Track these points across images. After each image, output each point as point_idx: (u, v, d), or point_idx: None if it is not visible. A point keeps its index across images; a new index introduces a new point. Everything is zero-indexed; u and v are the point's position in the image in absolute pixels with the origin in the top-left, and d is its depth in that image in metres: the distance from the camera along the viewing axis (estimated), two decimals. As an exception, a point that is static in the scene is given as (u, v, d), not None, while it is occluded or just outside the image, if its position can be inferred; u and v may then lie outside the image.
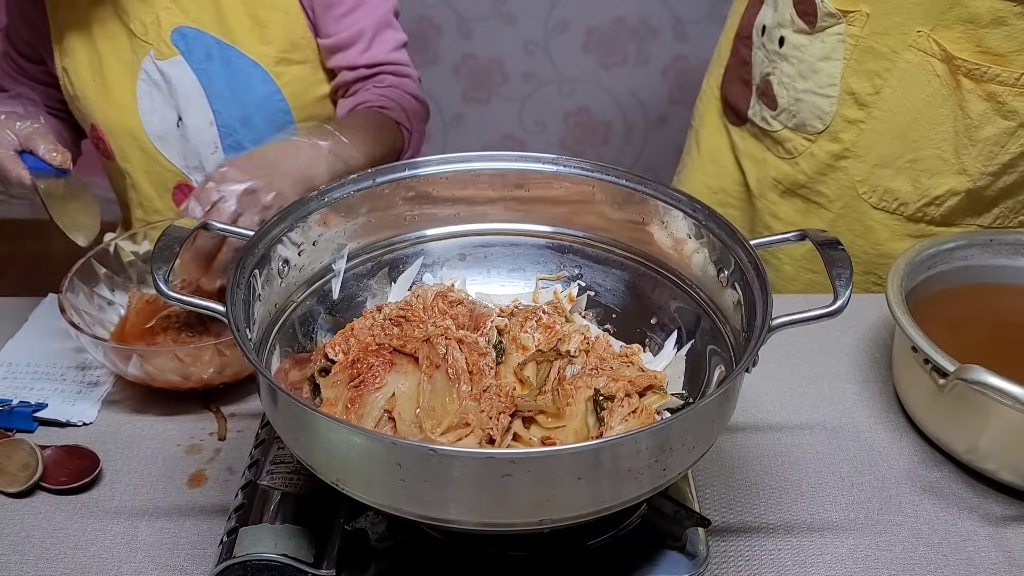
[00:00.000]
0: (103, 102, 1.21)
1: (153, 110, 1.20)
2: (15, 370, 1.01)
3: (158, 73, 1.18)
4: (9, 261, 2.77)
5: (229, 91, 1.19)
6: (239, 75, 1.19)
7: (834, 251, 0.72)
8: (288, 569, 0.72)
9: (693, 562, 0.74)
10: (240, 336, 0.66)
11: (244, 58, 1.18)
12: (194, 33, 1.17)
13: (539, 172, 0.87)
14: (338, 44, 1.21)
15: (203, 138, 1.21)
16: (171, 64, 1.17)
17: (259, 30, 1.18)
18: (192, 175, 1.24)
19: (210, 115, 1.20)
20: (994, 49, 1.06)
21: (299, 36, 1.20)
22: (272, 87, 1.20)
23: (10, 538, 0.81)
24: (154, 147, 1.22)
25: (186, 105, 1.19)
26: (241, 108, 1.20)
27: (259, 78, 1.19)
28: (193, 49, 1.17)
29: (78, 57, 1.20)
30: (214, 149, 1.22)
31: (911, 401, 0.93)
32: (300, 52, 1.21)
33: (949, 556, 0.80)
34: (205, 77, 1.18)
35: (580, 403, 0.74)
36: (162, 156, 1.23)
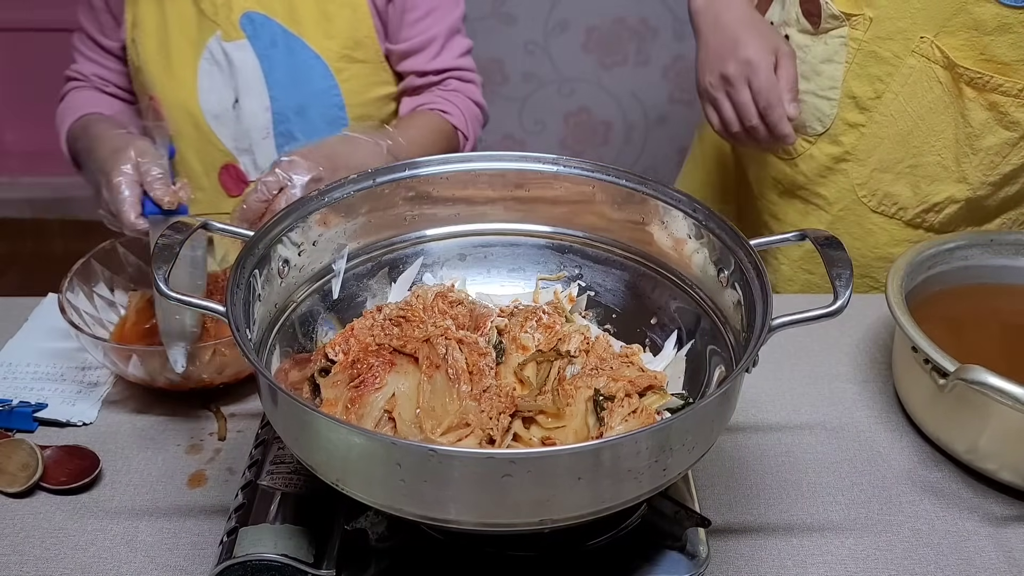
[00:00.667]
0: (165, 76, 1.23)
1: (212, 89, 1.22)
2: (15, 370, 1.01)
3: (222, 54, 1.20)
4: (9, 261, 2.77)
5: (289, 80, 1.21)
6: (300, 65, 1.21)
7: (834, 251, 0.72)
8: (288, 569, 0.72)
9: (693, 562, 0.74)
10: (240, 336, 0.66)
11: (307, 49, 1.20)
12: (262, 19, 1.19)
13: (539, 172, 0.87)
14: (410, 49, 1.24)
15: (256, 122, 1.23)
16: (236, 47, 1.20)
17: (325, 24, 1.20)
18: (240, 157, 1.26)
19: (267, 101, 1.22)
20: (998, 57, 1.06)
21: (363, 35, 1.22)
22: (331, 81, 1.22)
23: (10, 538, 0.81)
24: (208, 126, 1.24)
25: (245, 88, 1.21)
26: (298, 98, 1.22)
27: (319, 71, 1.21)
28: (259, 34, 1.19)
29: (147, 29, 1.22)
30: (265, 135, 1.24)
31: (911, 401, 0.93)
32: (362, 51, 1.23)
33: (949, 556, 0.80)
34: (267, 63, 1.20)
35: (580, 403, 0.74)
36: (214, 135, 1.25)
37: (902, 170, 1.16)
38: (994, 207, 1.18)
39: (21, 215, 2.98)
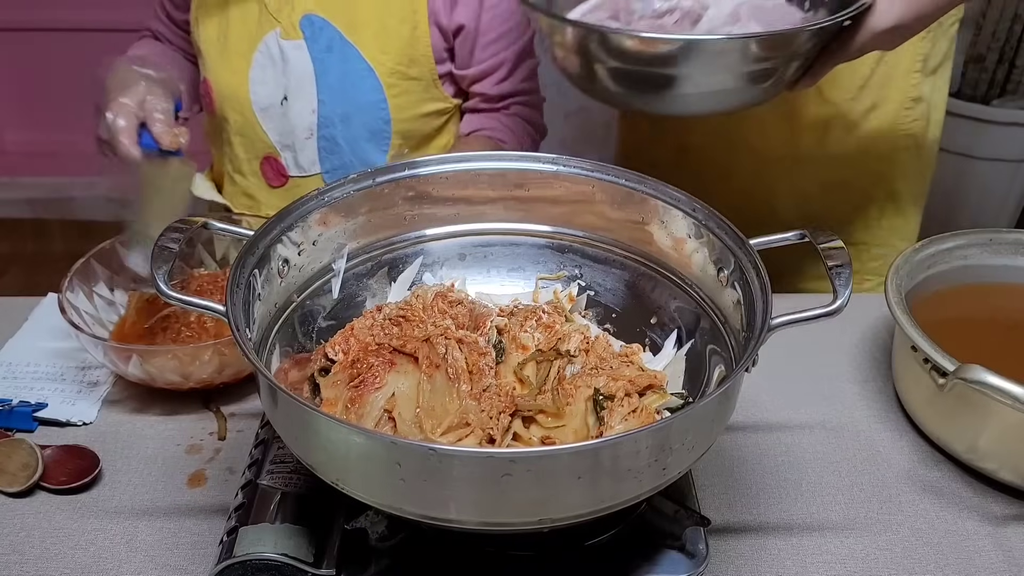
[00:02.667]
0: (219, 61, 1.24)
1: (263, 82, 1.23)
2: (15, 370, 1.01)
3: (278, 50, 1.20)
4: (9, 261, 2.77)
5: (339, 86, 1.21)
6: (352, 74, 1.21)
7: (834, 251, 0.72)
8: (288, 569, 0.72)
9: (693, 562, 0.74)
10: (240, 336, 0.66)
11: (361, 60, 1.20)
12: (322, 22, 1.19)
13: (539, 172, 0.87)
14: (480, 73, 1.24)
15: (302, 122, 1.23)
16: (293, 45, 1.20)
17: (383, 37, 1.20)
18: (283, 152, 1.26)
19: (314, 103, 1.22)
20: None
21: (419, 53, 1.21)
22: (380, 95, 1.22)
23: (10, 538, 0.81)
24: (255, 116, 1.25)
25: (295, 87, 1.22)
26: (345, 105, 1.22)
27: (371, 83, 1.21)
28: (317, 37, 1.20)
29: (209, 12, 1.23)
30: (309, 135, 1.24)
31: (911, 401, 0.93)
32: (416, 68, 1.22)
33: (949, 556, 0.80)
34: (321, 66, 1.20)
35: (580, 403, 0.74)
36: (260, 127, 1.25)
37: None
38: (860, 118, 1.20)
39: (21, 215, 2.98)
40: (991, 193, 2.42)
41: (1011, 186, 2.40)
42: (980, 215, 2.43)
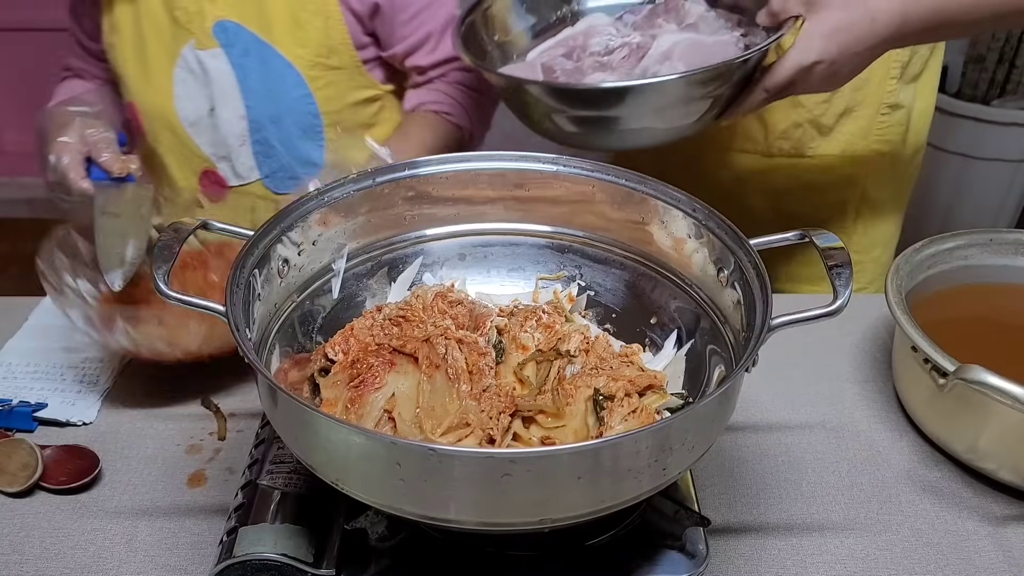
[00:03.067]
0: (141, 82, 1.23)
1: (188, 97, 1.22)
2: (15, 370, 1.01)
3: (196, 62, 1.20)
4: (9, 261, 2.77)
5: (263, 88, 1.21)
6: (273, 74, 1.20)
7: (834, 251, 0.72)
8: (288, 569, 0.72)
9: (693, 562, 0.74)
10: (240, 336, 0.66)
11: (280, 58, 1.19)
12: (235, 27, 1.18)
13: (539, 172, 0.87)
14: (408, 49, 1.23)
15: (233, 130, 1.23)
16: (210, 55, 1.19)
17: (298, 32, 1.19)
18: (219, 164, 1.26)
19: (242, 109, 1.21)
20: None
21: (337, 42, 1.21)
22: (304, 90, 1.21)
23: (10, 538, 0.81)
24: (185, 132, 1.24)
25: (220, 97, 1.21)
26: (273, 106, 1.22)
27: (293, 80, 1.20)
28: (233, 43, 1.19)
29: (124, 35, 1.22)
30: (242, 142, 1.24)
31: (911, 401, 0.93)
32: (337, 57, 1.22)
33: (949, 556, 0.80)
34: (241, 72, 1.20)
35: (580, 403, 0.74)
36: (192, 142, 1.24)
37: None
38: (833, 123, 1.20)
39: (21, 215, 2.98)
40: (991, 193, 2.42)
41: (1011, 186, 2.40)
42: (980, 215, 2.43)
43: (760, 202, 1.27)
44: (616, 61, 1.05)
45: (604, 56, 1.07)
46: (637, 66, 1.03)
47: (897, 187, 1.29)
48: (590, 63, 1.07)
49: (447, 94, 1.26)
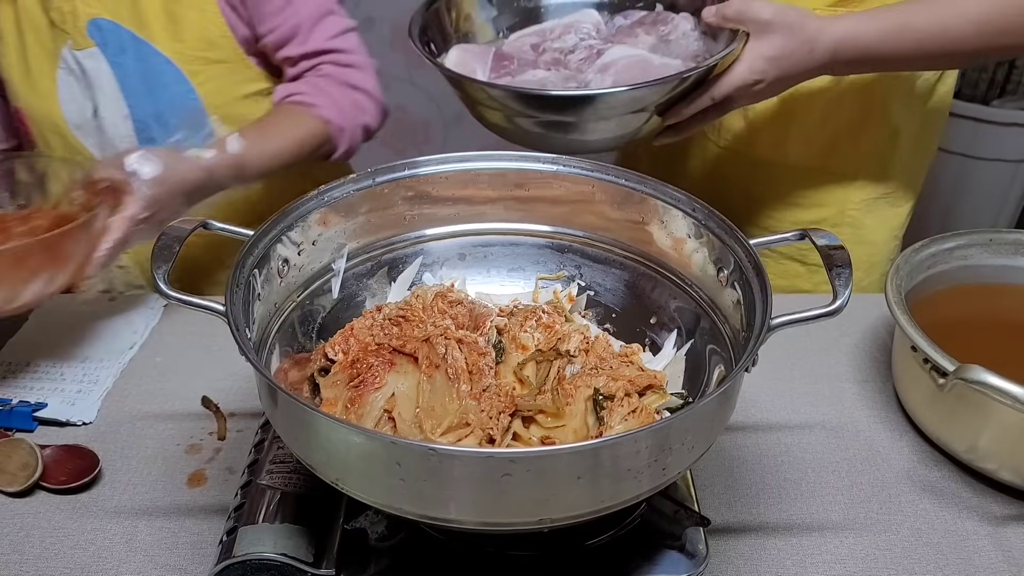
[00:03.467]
0: (26, 87, 1.20)
1: (71, 99, 1.19)
2: (15, 370, 1.01)
3: (75, 63, 1.17)
4: (9, 261, 2.77)
5: (143, 87, 1.17)
6: (152, 71, 1.17)
7: (834, 251, 0.72)
8: (288, 569, 0.72)
9: (693, 562, 0.74)
10: (240, 336, 0.66)
11: (158, 55, 1.16)
12: (110, 26, 1.15)
13: (539, 172, 0.87)
14: (279, 40, 1.18)
15: (118, 131, 1.20)
16: (87, 55, 1.16)
17: (173, 26, 1.15)
18: None
19: (125, 109, 1.18)
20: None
21: (216, 35, 1.17)
22: (186, 86, 1.17)
23: (10, 538, 0.81)
24: (73, 135, 1.21)
25: (101, 97, 1.18)
26: (155, 104, 1.18)
27: (172, 76, 1.17)
28: (108, 42, 1.16)
29: (6, 39, 1.19)
30: (129, 143, 1.20)
31: (911, 401, 0.93)
32: (217, 51, 1.18)
33: (949, 556, 0.80)
34: (120, 71, 1.17)
35: (580, 403, 0.74)
36: (80, 144, 1.22)
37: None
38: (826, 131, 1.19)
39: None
40: (991, 193, 2.41)
41: (1011, 186, 2.40)
42: (980, 215, 2.43)
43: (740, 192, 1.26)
44: (574, 61, 1.07)
45: (565, 54, 1.09)
46: (587, 71, 1.05)
47: (906, 177, 1.26)
48: (547, 58, 1.09)
49: (316, 86, 1.19)
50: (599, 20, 1.16)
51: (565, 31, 1.12)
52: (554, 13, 1.18)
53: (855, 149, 1.19)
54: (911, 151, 1.22)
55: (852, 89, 1.14)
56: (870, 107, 1.16)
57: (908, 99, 1.17)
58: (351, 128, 1.20)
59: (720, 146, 1.24)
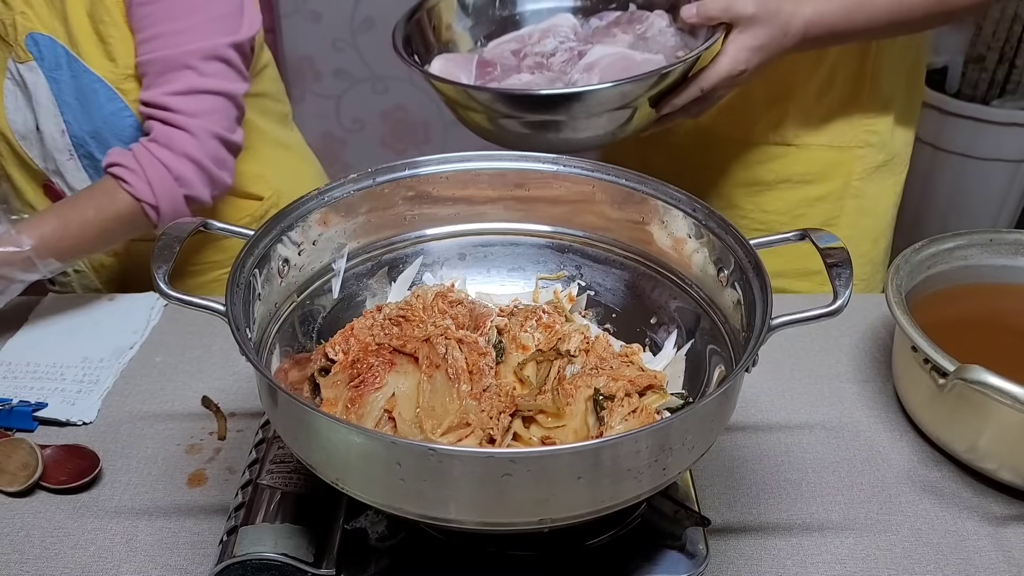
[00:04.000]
0: None
1: (16, 109, 1.19)
2: (15, 370, 1.01)
3: (18, 75, 1.16)
4: (9, 261, 2.76)
5: (78, 103, 1.16)
6: (86, 89, 1.15)
7: (834, 251, 0.72)
8: (288, 568, 0.72)
9: (693, 562, 0.74)
10: (240, 336, 0.66)
11: (90, 73, 1.14)
12: (46, 40, 1.14)
13: (539, 172, 0.87)
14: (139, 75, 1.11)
15: (57, 145, 1.19)
16: (27, 68, 1.15)
17: (102, 46, 1.14)
18: (53, 177, 1.22)
19: (62, 124, 1.17)
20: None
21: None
22: (119, 103, 1.15)
23: (10, 537, 0.81)
24: (19, 145, 1.21)
25: (40, 111, 1.17)
26: (90, 121, 1.16)
27: (105, 94, 1.15)
28: (45, 56, 1.14)
29: None
30: (69, 156, 1.19)
31: (911, 401, 0.93)
32: None
33: (949, 556, 0.80)
34: (56, 86, 1.15)
35: (580, 403, 0.74)
36: (27, 155, 1.21)
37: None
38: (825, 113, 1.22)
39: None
40: (991, 193, 2.42)
41: (1011, 186, 2.40)
42: (980, 215, 2.43)
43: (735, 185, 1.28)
44: (556, 64, 1.09)
45: (547, 58, 1.11)
46: (572, 71, 1.07)
47: (900, 143, 1.28)
48: (529, 62, 1.11)
49: (135, 157, 1.09)
50: (575, 23, 1.18)
51: (543, 36, 1.14)
52: (529, 20, 1.21)
53: (851, 121, 1.21)
54: (901, 116, 1.25)
55: (844, 65, 1.17)
56: (862, 79, 1.19)
57: (895, 67, 1.20)
58: (168, 204, 1.10)
59: (718, 135, 1.25)
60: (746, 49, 1.00)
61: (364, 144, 2.87)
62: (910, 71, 1.23)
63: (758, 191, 1.26)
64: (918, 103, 1.29)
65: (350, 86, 2.75)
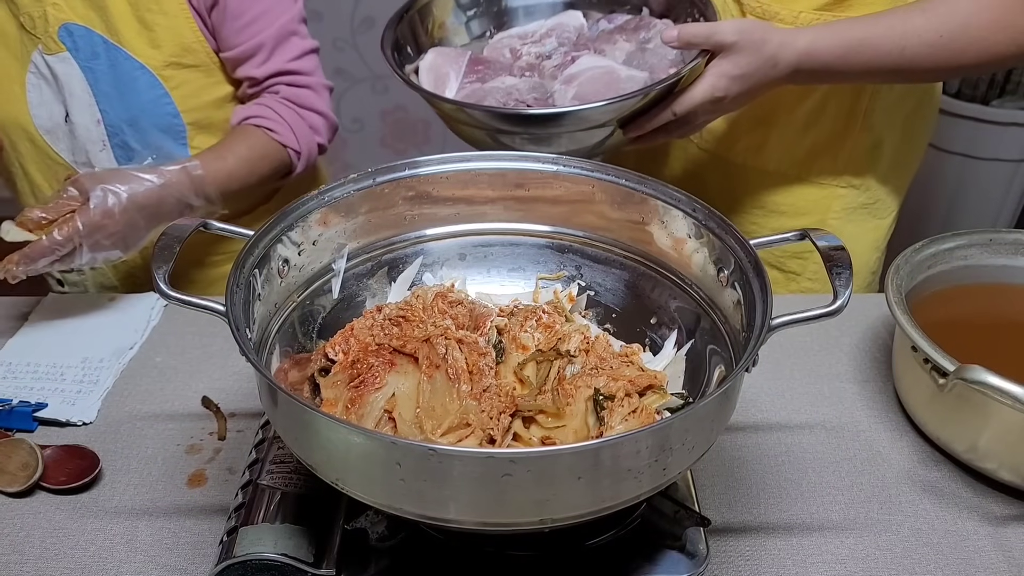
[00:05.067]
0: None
1: (42, 103, 1.20)
2: (15, 370, 1.01)
3: (46, 68, 1.17)
4: (9, 261, 2.76)
5: (116, 92, 1.18)
6: (125, 77, 1.17)
7: (834, 251, 0.72)
8: (288, 569, 0.72)
9: (693, 562, 0.74)
10: (240, 336, 0.66)
11: (131, 60, 1.16)
12: (81, 31, 1.15)
13: (539, 172, 0.87)
14: (239, 57, 1.20)
15: (90, 136, 1.20)
16: (59, 60, 1.16)
17: (147, 33, 1.16)
18: (81, 170, 1.22)
19: (97, 114, 1.19)
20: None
21: (190, 41, 1.18)
22: (160, 90, 1.18)
23: (10, 538, 0.81)
24: (43, 140, 1.21)
25: (73, 102, 1.18)
26: (128, 110, 1.19)
27: (146, 81, 1.17)
28: (80, 47, 1.16)
29: None
30: (102, 147, 1.21)
31: (911, 401, 0.93)
32: (192, 56, 1.19)
33: (949, 556, 0.80)
34: (92, 76, 1.17)
35: (580, 403, 0.74)
36: (51, 149, 1.22)
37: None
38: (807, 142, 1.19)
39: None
40: (991, 193, 2.41)
41: (1011, 186, 2.40)
42: (980, 215, 2.43)
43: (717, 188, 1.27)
44: (548, 68, 1.09)
45: (543, 59, 1.11)
46: (554, 82, 1.07)
47: (889, 188, 1.26)
48: (522, 63, 1.11)
49: (274, 110, 1.21)
50: (582, 23, 1.17)
51: (547, 35, 1.14)
52: (523, 14, 1.20)
53: (835, 159, 1.19)
54: (894, 162, 1.22)
55: (836, 99, 1.15)
56: (853, 117, 1.16)
57: (892, 110, 1.17)
58: (307, 149, 1.23)
59: (701, 148, 1.25)
60: (725, 76, 0.97)
61: (364, 144, 2.87)
62: (911, 115, 1.20)
63: (733, 214, 1.25)
64: (918, 151, 1.26)
65: (350, 86, 2.75)
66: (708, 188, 1.24)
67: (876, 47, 0.98)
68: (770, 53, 0.97)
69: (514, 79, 1.08)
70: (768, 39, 0.96)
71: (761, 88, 1.00)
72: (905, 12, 0.98)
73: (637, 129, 1.00)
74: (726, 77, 0.97)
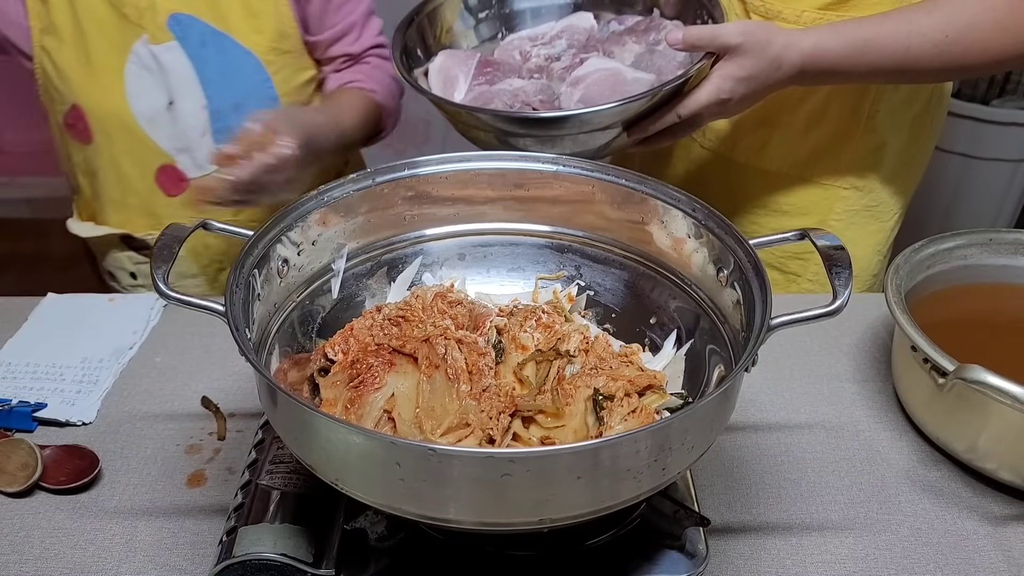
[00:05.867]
0: (88, 82, 1.21)
1: (142, 92, 1.21)
2: (15, 370, 1.01)
3: (151, 57, 1.19)
4: (9, 261, 2.77)
5: (223, 78, 1.21)
6: (232, 63, 1.21)
7: (833, 251, 0.72)
8: (287, 569, 0.72)
9: (693, 562, 0.74)
10: (239, 336, 0.66)
11: (238, 47, 1.21)
12: (189, 20, 1.18)
13: (539, 172, 0.87)
14: (334, 36, 1.28)
15: (192, 122, 1.23)
16: (166, 49, 1.19)
17: (253, 20, 1.21)
18: (178, 157, 1.25)
19: (203, 100, 1.22)
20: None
21: (287, 26, 1.23)
22: (263, 75, 1.23)
23: (10, 538, 0.81)
24: (141, 129, 1.23)
25: (179, 89, 1.21)
26: (233, 95, 1.23)
27: (252, 67, 1.22)
28: (188, 35, 1.19)
29: (60, 36, 1.20)
30: (203, 132, 1.23)
31: (911, 401, 0.93)
32: (288, 41, 1.24)
33: (949, 556, 0.80)
34: (200, 63, 1.20)
35: (579, 403, 0.74)
36: (149, 138, 1.23)
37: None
38: (808, 142, 1.19)
39: (21, 215, 2.98)
40: (991, 193, 2.41)
41: (1011, 186, 2.40)
42: (980, 215, 2.43)
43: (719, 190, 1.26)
44: (557, 70, 1.10)
45: (552, 61, 1.12)
46: (562, 84, 1.07)
47: (892, 191, 1.25)
48: (532, 65, 1.12)
49: (368, 74, 1.30)
50: (593, 24, 1.17)
51: (557, 36, 1.15)
52: (531, 17, 1.21)
53: (838, 160, 1.18)
54: (898, 164, 1.21)
55: (838, 100, 1.15)
56: (856, 118, 1.16)
57: (898, 112, 1.17)
58: (396, 111, 1.35)
59: (704, 147, 1.25)
60: (731, 78, 0.96)
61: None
62: (918, 118, 1.19)
63: (734, 213, 1.24)
64: (925, 154, 1.25)
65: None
66: (710, 187, 1.24)
67: (881, 47, 0.98)
68: (775, 54, 0.96)
69: (522, 81, 1.09)
70: (772, 40, 0.96)
71: (766, 89, 1.00)
72: (910, 12, 0.98)
73: (642, 132, 0.99)
74: (731, 79, 0.97)
